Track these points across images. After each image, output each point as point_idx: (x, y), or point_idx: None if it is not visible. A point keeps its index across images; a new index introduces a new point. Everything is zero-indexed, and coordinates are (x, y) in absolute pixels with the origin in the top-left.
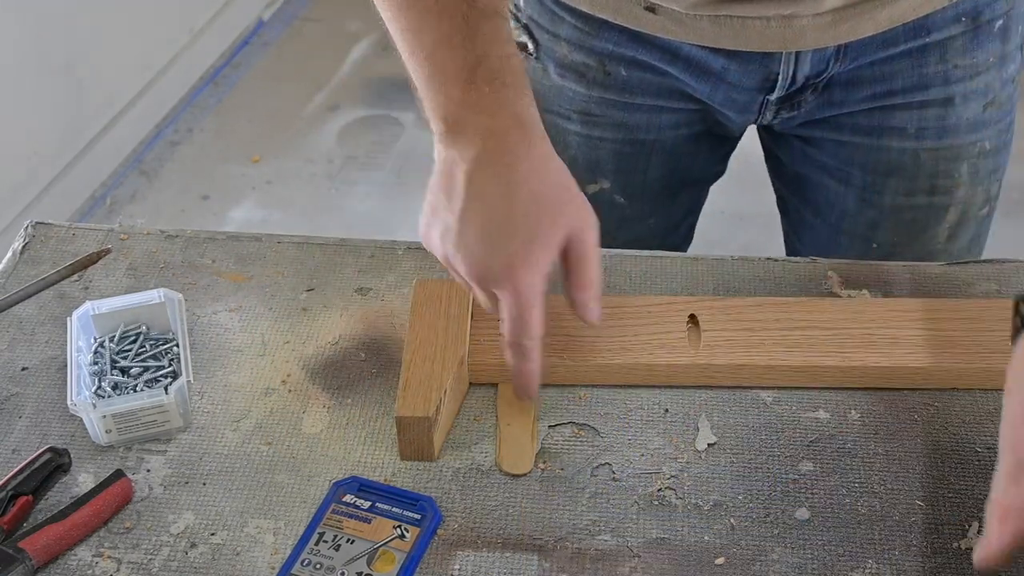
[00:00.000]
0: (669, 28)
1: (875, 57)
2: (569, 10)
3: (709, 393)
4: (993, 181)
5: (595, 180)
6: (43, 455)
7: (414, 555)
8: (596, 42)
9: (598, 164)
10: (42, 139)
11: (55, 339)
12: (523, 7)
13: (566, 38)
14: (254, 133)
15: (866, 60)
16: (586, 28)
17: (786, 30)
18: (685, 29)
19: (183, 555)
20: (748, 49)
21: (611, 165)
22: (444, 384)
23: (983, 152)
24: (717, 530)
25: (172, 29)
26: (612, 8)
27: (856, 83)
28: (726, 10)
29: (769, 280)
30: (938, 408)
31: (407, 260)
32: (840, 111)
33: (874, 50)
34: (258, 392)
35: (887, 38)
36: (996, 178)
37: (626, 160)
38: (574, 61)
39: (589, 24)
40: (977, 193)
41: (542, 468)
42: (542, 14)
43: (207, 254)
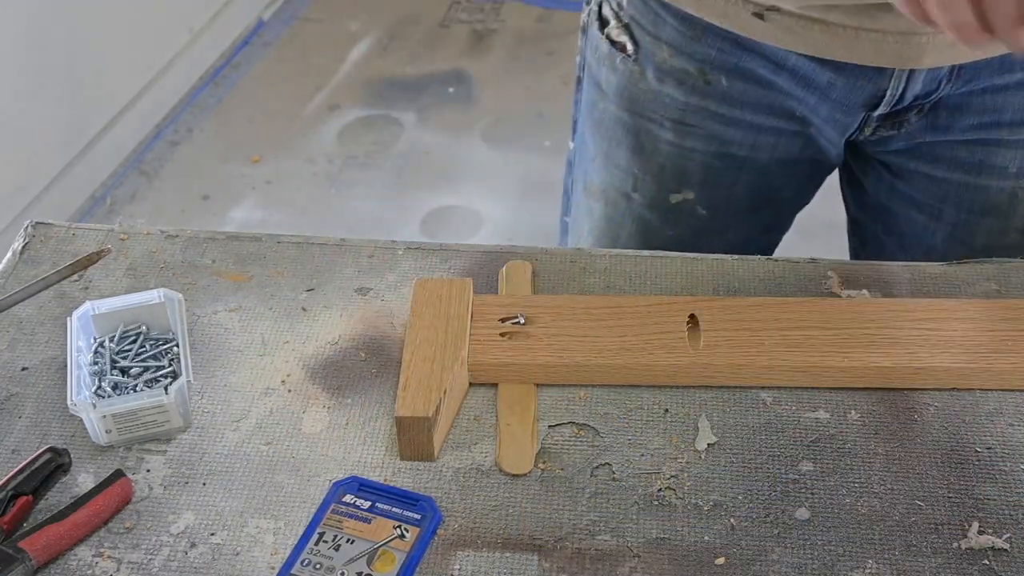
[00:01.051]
0: (778, 36)
1: (988, 83)
2: (673, 12)
3: (709, 393)
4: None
5: (679, 190)
6: (43, 455)
7: (414, 555)
8: (699, 47)
9: (685, 174)
10: (42, 139)
11: (55, 339)
12: (625, 6)
13: (668, 41)
14: (254, 133)
15: (978, 86)
16: (689, 32)
17: (903, 47)
18: (795, 38)
19: (183, 555)
20: (860, 63)
21: (699, 177)
22: (444, 384)
23: None
24: (717, 530)
25: (172, 29)
26: (719, 12)
27: (964, 109)
28: (839, 19)
29: (769, 280)
30: (938, 408)
31: (407, 260)
32: (942, 137)
33: (989, 75)
34: (258, 392)
35: (1004, 63)
36: None
37: (715, 174)
38: (674, 66)
39: (693, 28)
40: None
41: (542, 468)
42: (645, 14)
43: (207, 254)
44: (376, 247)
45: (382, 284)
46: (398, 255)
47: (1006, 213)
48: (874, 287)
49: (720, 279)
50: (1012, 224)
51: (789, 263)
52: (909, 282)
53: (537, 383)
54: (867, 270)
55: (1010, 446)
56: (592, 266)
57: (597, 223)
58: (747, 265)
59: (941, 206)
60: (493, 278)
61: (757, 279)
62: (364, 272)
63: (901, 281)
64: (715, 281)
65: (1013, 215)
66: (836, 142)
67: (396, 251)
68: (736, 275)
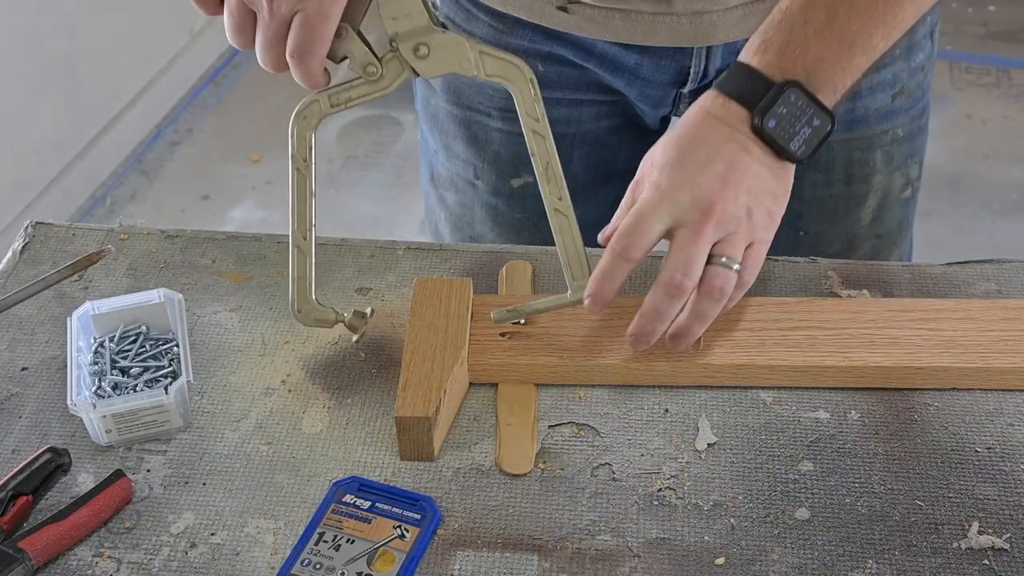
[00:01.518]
0: (582, 26)
1: None
2: (483, 8)
3: (709, 393)
4: (911, 165)
5: (519, 175)
6: (43, 455)
7: (414, 555)
8: (511, 40)
9: (521, 159)
10: (42, 139)
11: (55, 339)
12: (439, 5)
13: (482, 36)
14: (254, 133)
15: None
16: (500, 26)
17: (697, 26)
18: (598, 27)
19: (183, 555)
20: (660, 45)
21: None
22: (444, 384)
23: (896, 139)
24: (717, 530)
25: (172, 29)
26: (525, 7)
27: None
28: (636, 6)
29: (769, 280)
30: (938, 408)
31: (407, 260)
32: None
33: None
34: (258, 392)
35: None
36: (915, 161)
37: None
38: None
39: (503, 22)
40: (895, 178)
41: (542, 468)
42: (457, 12)
43: (207, 254)
44: (376, 247)
45: (382, 284)
46: (398, 255)
47: (826, 166)
48: (874, 287)
49: None
50: (834, 176)
51: (789, 263)
52: (909, 282)
53: (537, 383)
54: (867, 270)
55: (1010, 446)
56: (592, 266)
57: (451, 211)
58: None
59: None
60: (493, 278)
61: (757, 279)
62: (364, 272)
63: (901, 281)
64: None
65: (833, 166)
66: (652, 114)
67: (396, 251)
68: None
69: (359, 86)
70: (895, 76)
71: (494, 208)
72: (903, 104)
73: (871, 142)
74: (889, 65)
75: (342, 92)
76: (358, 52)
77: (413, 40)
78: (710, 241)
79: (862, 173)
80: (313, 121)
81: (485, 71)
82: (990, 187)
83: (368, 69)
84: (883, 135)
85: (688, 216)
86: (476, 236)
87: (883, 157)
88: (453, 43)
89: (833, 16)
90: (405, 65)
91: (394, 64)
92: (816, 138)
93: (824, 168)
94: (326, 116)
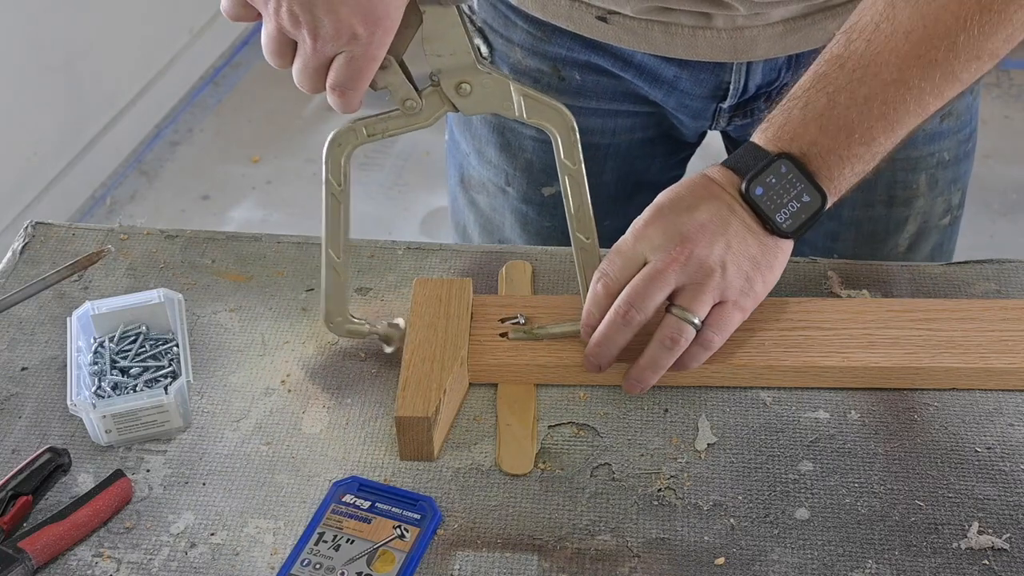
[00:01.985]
0: (621, 37)
1: None
2: (522, 15)
3: (709, 393)
4: (954, 191)
5: (551, 183)
6: (43, 455)
7: (414, 555)
8: (549, 47)
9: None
10: (42, 139)
11: (55, 339)
12: (477, 10)
13: (520, 43)
14: (254, 133)
15: None
16: (539, 34)
17: (737, 40)
18: (637, 39)
19: (183, 555)
20: (699, 59)
21: None
22: (443, 384)
23: (942, 163)
24: (717, 530)
25: (172, 29)
26: (564, 15)
27: None
28: (677, 19)
29: None
30: (938, 408)
31: (407, 260)
32: None
33: None
34: (258, 392)
35: None
36: (957, 187)
37: None
38: (528, 66)
39: (542, 30)
40: (937, 203)
41: (542, 468)
42: (496, 18)
43: (207, 254)
44: (376, 247)
45: (382, 284)
46: (398, 255)
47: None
48: (874, 287)
49: None
50: (876, 196)
51: (789, 263)
52: (909, 282)
53: (537, 383)
54: (867, 270)
55: (1010, 446)
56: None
57: (482, 213)
58: None
59: None
60: (493, 278)
61: None
62: (364, 272)
63: (901, 281)
64: None
65: (875, 187)
66: (690, 126)
67: (396, 251)
68: None
69: (397, 118)
70: None
71: (524, 215)
72: (951, 126)
73: (916, 164)
74: None
75: (379, 122)
76: (399, 85)
77: (456, 78)
78: (671, 283)
79: (904, 196)
80: (348, 148)
81: (527, 115)
82: (990, 187)
83: (407, 103)
84: (929, 157)
85: (656, 253)
86: (504, 240)
87: (927, 180)
88: (497, 84)
89: (833, 104)
90: (446, 101)
91: (434, 99)
92: (804, 214)
93: (866, 187)
94: (361, 144)
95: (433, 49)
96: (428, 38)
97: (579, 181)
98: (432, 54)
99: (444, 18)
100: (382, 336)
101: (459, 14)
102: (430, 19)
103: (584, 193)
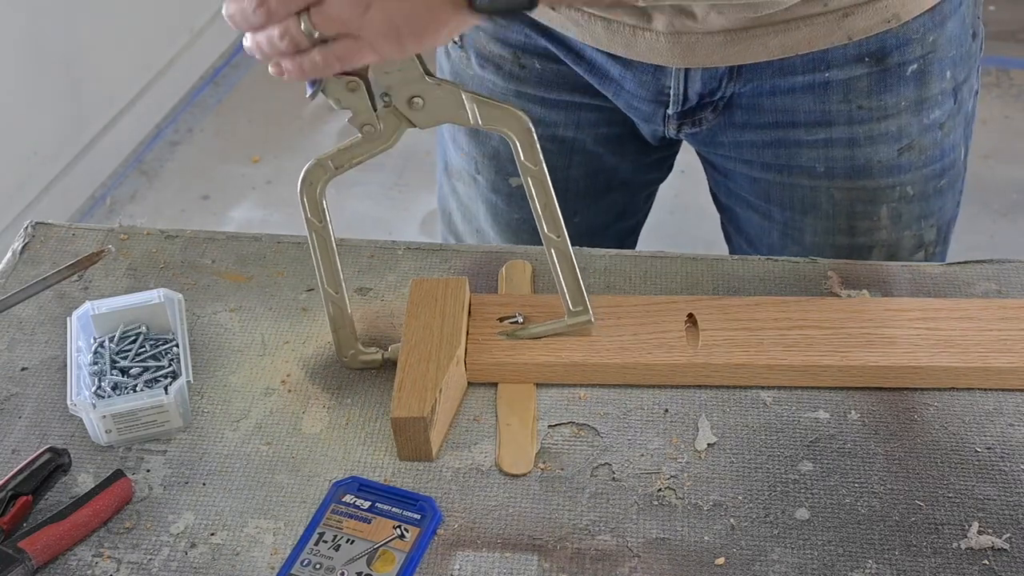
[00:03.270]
0: (567, 27)
1: (774, 84)
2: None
3: (709, 393)
4: (926, 227)
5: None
6: (43, 455)
7: (414, 555)
8: (509, 33)
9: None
10: (42, 139)
11: (55, 339)
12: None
13: (483, 28)
14: (254, 133)
15: (765, 86)
16: (500, 19)
17: (674, 46)
18: (581, 31)
19: (183, 555)
20: (638, 59)
21: None
22: (439, 384)
23: (905, 196)
24: (717, 530)
25: (172, 29)
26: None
27: (757, 109)
28: (618, 16)
29: (769, 280)
30: (938, 408)
31: (407, 260)
32: (746, 137)
33: (771, 76)
34: (258, 392)
35: (784, 66)
36: (930, 224)
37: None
38: (491, 52)
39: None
40: (904, 238)
41: (542, 468)
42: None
43: (207, 254)
44: (376, 247)
45: (382, 284)
46: (398, 255)
47: (828, 213)
48: (874, 287)
49: (719, 279)
50: (837, 225)
51: (789, 263)
52: (909, 282)
53: (537, 383)
54: (867, 270)
55: (1010, 446)
56: (591, 266)
57: (461, 202)
58: (746, 265)
59: (768, 205)
60: (493, 278)
61: (756, 279)
62: (364, 272)
63: (901, 281)
64: (714, 281)
65: (837, 216)
66: (645, 128)
67: (396, 251)
68: (735, 275)
69: (360, 144)
70: (900, 129)
71: (494, 205)
72: (912, 160)
73: (875, 195)
74: (893, 116)
75: (343, 153)
76: (362, 109)
77: (407, 92)
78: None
79: (865, 226)
80: (319, 184)
81: (482, 121)
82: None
83: (365, 128)
84: (889, 190)
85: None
86: (481, 231)
87: (889, 213)
88: (448, 94)
89: None
90: (402, 118)
91: (390, 118)
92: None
93: (825, 215)
94: (332, 178)
95: (381, 67)
96: None
97: (542, 180)
98: (380, 71)
99: None
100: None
101: None
102: None
103: (549, 192)
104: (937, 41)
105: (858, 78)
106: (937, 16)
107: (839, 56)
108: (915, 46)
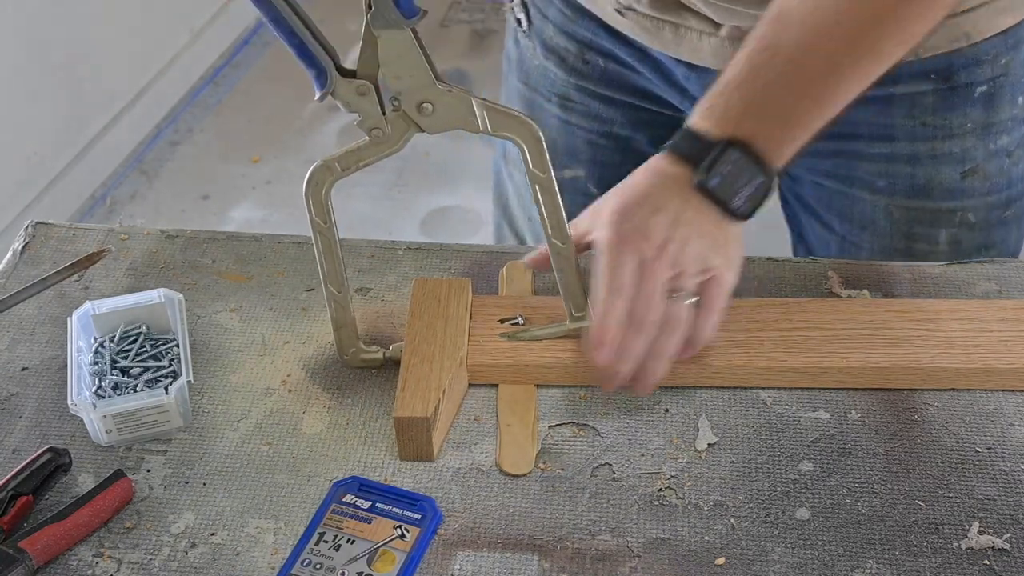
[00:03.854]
0: (636, 31)
1: None
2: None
3: (709, 393)
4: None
5: (571, 166)
6: (43, 455)
7: (414, 555)
8: (577, 28)
9: (574, 151)
10: (42, 139)
11: (55, 339)
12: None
13: (552, 20)
14: (254, 133)
15: None
16: (570, 14)
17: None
18: (649, 35)
19: (183, 555)
20: (703, 64)
21: (586, 154)
22: (442, 384)
23: (966, 223)
24: (717, 530)
25: (172, 29)
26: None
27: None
28: (686, 22)
29: (769, 280)
30: (938, 408)
31: (407, 260)
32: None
33: None
34: (258, 392)
35: None
36: (990, 256)
37: (601, 152)
38: (557, 44)
39: (572, 9)
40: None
41: (542, 468)
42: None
43: (207, 254)
44: (376, 247)
45: (382, 284)
46: (398, 255)
47: (886, 231)
48: (874, 287)
49: None
50: (894, 244)
51: (789, 263)
52: (909, 282)
53: (537, 383)
54: (867, 270)
55: (1010, 446)
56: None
57: (517, 189)
58: (747, 265)
59: (829, 216)
60: (493, 278)
61: (757, 279)
62: (364, 272)
63: (901, 281)
64: None
65: (895, 234)
66: None
67: (396, 251)
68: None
69: (367, 147)
70: (964, 152)
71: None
72: (976, 186)
73: (935, 218)
74: (957, 137)
75: (350, 155)
76: (372, 113)
77: (417, 98)
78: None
79: (923, 250)
80: (325, 185)
81: (491, 128)
82: None
83: (374, 132)
84: (950, 214)
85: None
86: (533, 219)
87: (948, 239)
88: (459, 100)
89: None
90: (410, 123)
91: (399, 122)
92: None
93: (883, 232)
94: (337, 180)
95: (391, 72)
96: (385, 61)
97: (549, 187)
98: (391, 76)
99: (400, 41)
100: (397, 360)
101: (414, 36)
102: (386, 43)
103: (556, 199)
104: (1010, 64)
105: (923, 94)
106: (1011, 39)
107: (905, 71)
108: (985, 67)
